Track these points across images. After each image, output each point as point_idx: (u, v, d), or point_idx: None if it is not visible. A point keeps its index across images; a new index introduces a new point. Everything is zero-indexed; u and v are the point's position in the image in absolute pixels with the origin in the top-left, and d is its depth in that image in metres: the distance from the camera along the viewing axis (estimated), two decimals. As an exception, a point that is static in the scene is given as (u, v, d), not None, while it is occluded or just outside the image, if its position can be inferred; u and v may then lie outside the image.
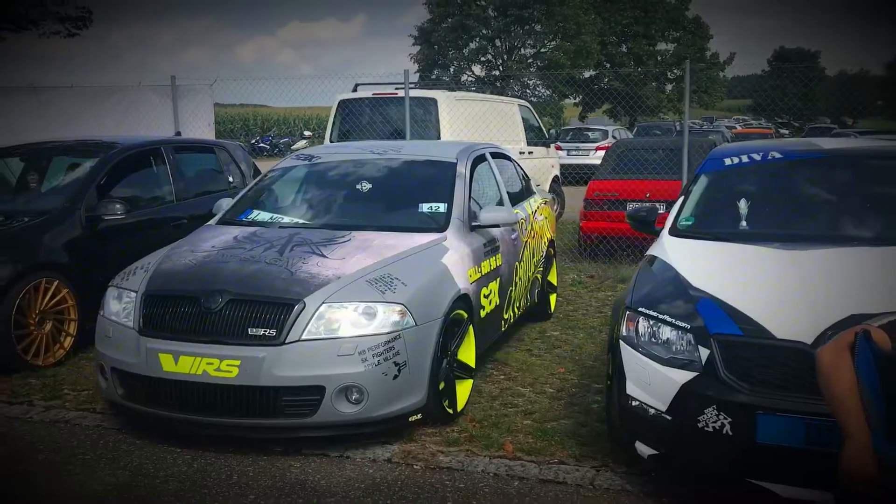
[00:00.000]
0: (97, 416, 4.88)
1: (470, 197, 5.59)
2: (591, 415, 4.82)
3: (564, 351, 6.27)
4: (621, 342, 3.95)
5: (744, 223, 4.72)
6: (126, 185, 6.91)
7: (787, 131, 40.12)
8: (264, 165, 8.60)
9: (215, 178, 8.17)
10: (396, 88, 11.25)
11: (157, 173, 7.31)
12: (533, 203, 7.08)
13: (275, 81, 11.97)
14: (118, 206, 6.40)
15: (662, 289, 4.07)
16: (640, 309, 3.94)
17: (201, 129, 11.34)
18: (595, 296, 8.36)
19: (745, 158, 5.17)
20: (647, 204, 5.75)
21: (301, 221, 5.47)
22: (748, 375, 3.45)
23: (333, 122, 11.57)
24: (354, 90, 11.89)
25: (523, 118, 13.64)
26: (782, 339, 3.43)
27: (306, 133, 44.46)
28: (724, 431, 3.42)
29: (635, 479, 3.94)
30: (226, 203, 5.96)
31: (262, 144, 38.55)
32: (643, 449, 3.78)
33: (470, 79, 40.84)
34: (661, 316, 3.81)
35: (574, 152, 22.54)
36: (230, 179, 8.33)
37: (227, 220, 5.63)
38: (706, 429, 3.46)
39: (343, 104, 11.54)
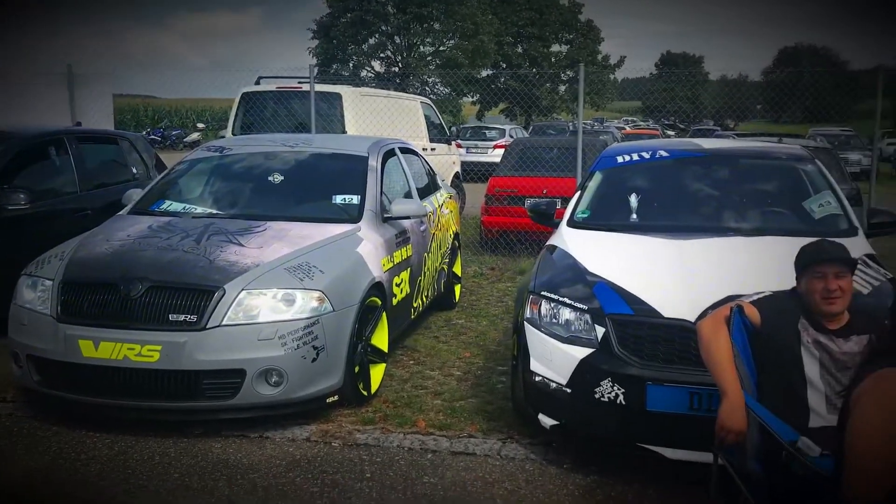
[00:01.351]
0: (9, 405, 4.87)
1: (381, 190, 5.83)
2: (496, 394, 5.15)
3: (469, 337, 6.60)
4: (525, 323, 4.29)
5: (634, 216, 5.15)
6: (29, 175, 6.81)
7: (673, 132, 41.97)
8: (164, 158, 8.57)
9: (119, 169, 8.10)
10: (300, 82, 11.33)
11: (59, 163, 7.21)
12: (439, 197, 7.38)
13: (170, 72, 11.88)
14: (21, 195, 6.32)
15: (562, 274, 4.44)
16: (542, 293, 4.29)
17: (100, 119, 11.12)
18: (496, 286, 8.75)
19: (635, 157, 5.63)
20: (547, 199, 6.14)
21: (215, 212, 5.58)
22: (639, 350, 3.85)
23: (236, 115, 11.55)
24: (257, 83, 11.90)
25: (426, 115, 13.95)
26: (668, 318, 3.84)
27: (199, 125, 43.49)
28: (618, 401, 3.80)
29: (538, 448, 4.29)
30: (136, 193, 5.99)
31: (153, 136, 37.49)
32: (545, 420, 4.13)
33: (370, 75, 40.93)
34: (561, 299, 4.17)
35: (473, 150, 23.03)
36: (134, 170, 8.27)
37: (139, 211, 5.67)
38: (602, 399, 3.84)
39: (246, 97, 11.54)
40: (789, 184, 5.42)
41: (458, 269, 7.92)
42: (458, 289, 7.86)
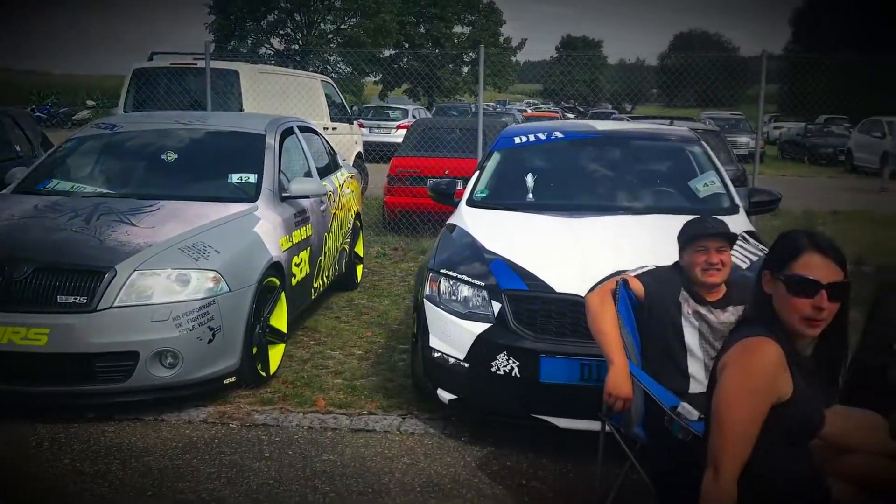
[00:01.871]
0: None
1: (280, 168, 5.77)
2: (396, 372, 5.21)
3: (371, 317, 6.62)
4: (425, 301, 4.36)
5: (531, 195, 5.28)
6: None
7: (572, 115, 42.85)
8: (51, 136, 8.21)
9: (0, 147, 7.72)
10: (196, 59, 11.02)
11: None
12: (340, 176, 7.35)
13: (61, 42, 11.32)
14: None
15: (461, 253, 4.52)
16: (441, 270, 4.36)
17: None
18: (399, 266, 8.79)
19: (532, 138, 5.76)
20: (447, 178, 6.22)
21: (106, 191, 5.41)
22: (533, 324, 3.97)
23: (127, 92, 11.12)
24: (150, 59, 11.50)
25: (326, 94, 13.79)
26: (561, 293, 3.97)
27: (89, 102, 41.64)
28: (513, 374, 3.91)
29: (437, 423, 4.37)
30: (20, 172, 5.73)
31: (38, 114, 35.66)
32: (444, 395, 4.21)
33: (269, 52, 40.05)
34: (459, 276, 4.25)
35: (376, 130, 22.92)
36: (17, 148, 7.91)
37: (23, 190, 5.44)
38: (498, 372, 3.94)
39: (138, 73, 11.12)
40: (677, 164, 5.66)
41: (360, 250, 7.91)
42: (360, 269, 7.86)
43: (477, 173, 5.60)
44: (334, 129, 13.44)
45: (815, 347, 2.32)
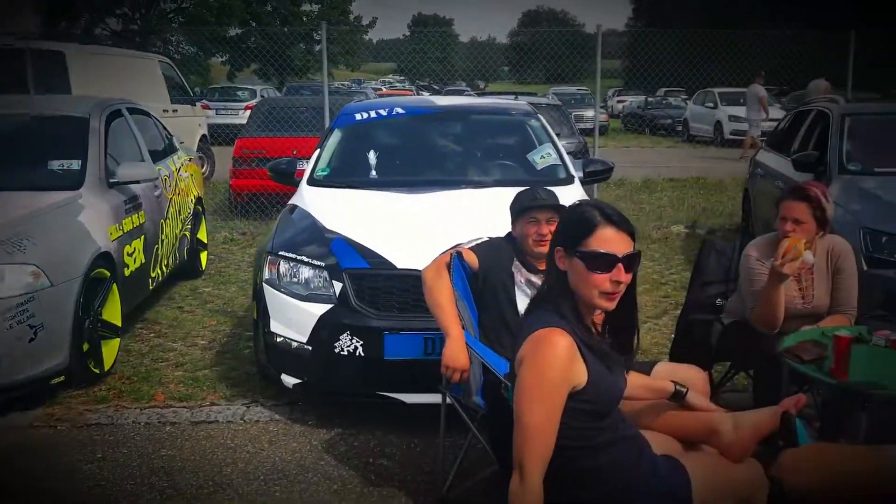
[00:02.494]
0: None
1: (106, 153, 5.43)
2: (241, 360, 5.05)
3: (216, 305, 6.40)
4: (264, 285, 4.23)
5: (373, 172, 5.23)
6: None
7: (427, 94, 43.06)
8: None
9: None
10: (17, 39, 10.22)
11: None
12: (177, 160, 7.03)
13: None
14: None
15: (301, 234, 4.41)
16: (280, 253, 4.24)
17: None
18: (247, 252, 8.52)
19: (373, 114, 5.69)
20: (287, 158, 6.06)
21: None
22: (376, 302, 3.93)
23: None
24: (-39, 40, 10.56)
25: (166, 75, 13.16)
26: (402, 269, 3.95)
27: None
28: (358, 353, 3.86)
29: (283, 409, 4.27)
30: None
31: None
32: (288, 380, 4.11)
33: (105, 33, 37.81)
34: (299, 257, 4.15)
35: (223, 111, 22.15)
36: None
37: None
38: (342, 353, 3.88)
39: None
40: (515, 138, 5.76)
41: (203, 236, 7.62)
42: (204, 256, 7.57)
43: (317, 152, 5.48)
44: (175, 111, 12.87)
45: (606, 319, 2.33)
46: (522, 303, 3.27)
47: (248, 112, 19.66)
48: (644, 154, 19.58)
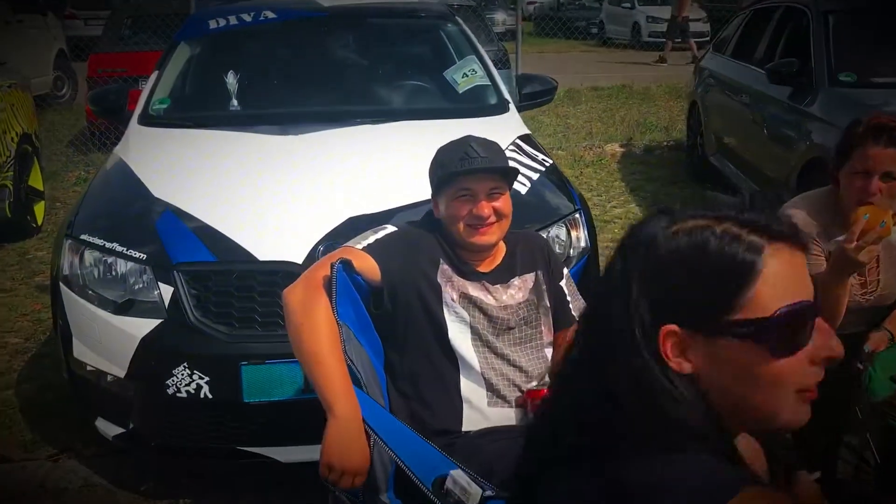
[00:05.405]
0: None
1: None
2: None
3: (48, 278, 4.88)
4: (62, 285, 2.81)
5: (234, 102, 3.77)
6: None
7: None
8: None
9: None
10: None
11: None
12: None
13: None
14: None
15: (116, 205, 3.00)
16: (83, 237, 2.81)
17: None
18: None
19: (233, 20, 4.16)
20: (117, 85, 4.52)
21: None
22: (227, 316, 2.57)
23: None
24: None
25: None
26: (267, 262, 2.60)
27: None
28: (202, 395, 2.52)
29: (107, 464, 2.91)
30: None
31: None
32: (106, 428, 2.75)
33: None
34: (108, 245, 2.73)
35: (93, 21, 19.51)
36: None
37: None
38: (178, 395, 2.53)
39: None
40: (427, 49, 4.37)
41: (37, 183, 6.02)
42: (40, 208, 5.98)
43: (154, 75, 3.95)
44: (20, 21, 10.78)
45: None
46: (456, 332, 1.99)
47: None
48: (562, 60, 18.19)
